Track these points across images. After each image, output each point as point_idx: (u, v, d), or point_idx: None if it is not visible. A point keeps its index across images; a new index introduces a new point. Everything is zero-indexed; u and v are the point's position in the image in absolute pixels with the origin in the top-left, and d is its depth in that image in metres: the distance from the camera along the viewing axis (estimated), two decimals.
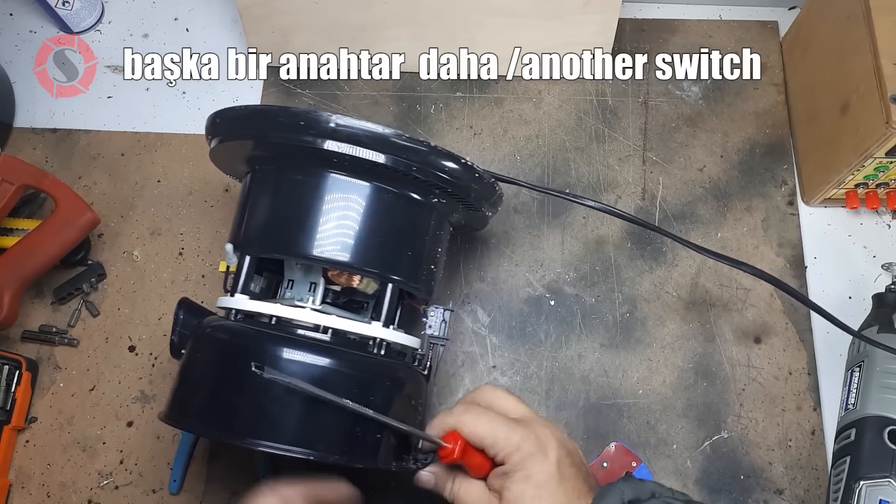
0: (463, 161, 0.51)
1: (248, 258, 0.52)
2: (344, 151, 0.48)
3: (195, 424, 0.49)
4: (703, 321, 0.68)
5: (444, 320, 0.57)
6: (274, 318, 0.50)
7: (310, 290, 0.54)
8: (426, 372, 0.56)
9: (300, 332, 0.50)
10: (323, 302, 0.53)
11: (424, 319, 0.57)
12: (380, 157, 0.48)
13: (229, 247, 0.52)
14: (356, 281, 0.54)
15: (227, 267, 0.54)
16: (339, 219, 0.50)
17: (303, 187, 0.50)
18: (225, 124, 0.52)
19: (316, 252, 0.49)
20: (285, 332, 0.49)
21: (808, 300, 0.58)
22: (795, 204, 0.72)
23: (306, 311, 0.51)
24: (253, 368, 0.45)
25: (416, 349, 0.55)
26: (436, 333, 0.57)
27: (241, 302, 0.51)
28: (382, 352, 0.52)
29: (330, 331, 0.51)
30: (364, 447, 0.48)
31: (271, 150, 0.51)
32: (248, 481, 0.63)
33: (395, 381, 0.51)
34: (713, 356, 0.67)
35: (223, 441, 0.47)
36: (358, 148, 0.48)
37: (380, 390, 0.50)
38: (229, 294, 0.52)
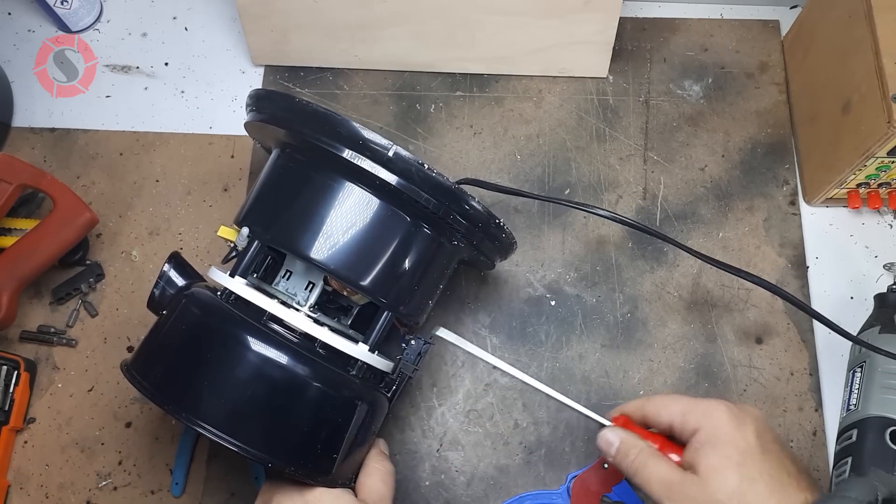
0: (497, 221, 0.53)
1: (256, 243, 0.51)
2: (393, 184, 0.48)
3: (147, 387, 0.49)
4: (704, 322, 0.68)
5: (420, 353, 0.57)
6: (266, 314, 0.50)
7: (307, 289, 0.53)
8: (390, 395, 0.56)
9: (277, 328, 0.50)
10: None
11: (403, 345, 0.57)
12: (429, 202, 0.49)
13: (245, 231, 0.51)
14: (354, 294, 0.54)
15: (235, 245, 0.53)
16: (363, 238, 0.50)
17: (335, 196, 0.50)
18: (276, 111, 0.51)
19: (333, 265, 0.49)
20: (269, 328, 0.49)
21: (808, 307, 0.57)
22: (797, 204, 0.72)
23: (300, 315, 0.50)
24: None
25: (389, 374, 0.55)
26: (409, 361, 0.57)
27: (237, 286, 0.51)
28: (359, 373, 0.52)
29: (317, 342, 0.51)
30: (312, 460, 0.49)
31: (315, 152, 0.50)
32: (247, 482, 0.63)
33: (368, 406, 0.51)
34: (714, 357, 0.66)
35: (169, 413, 0.48)
36: (410, 185, 0.48)
37: (349, 412, 0.50)
38: (229, 273, 0.52)
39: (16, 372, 0.64)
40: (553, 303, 0.68)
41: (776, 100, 0.76)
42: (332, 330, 0.51)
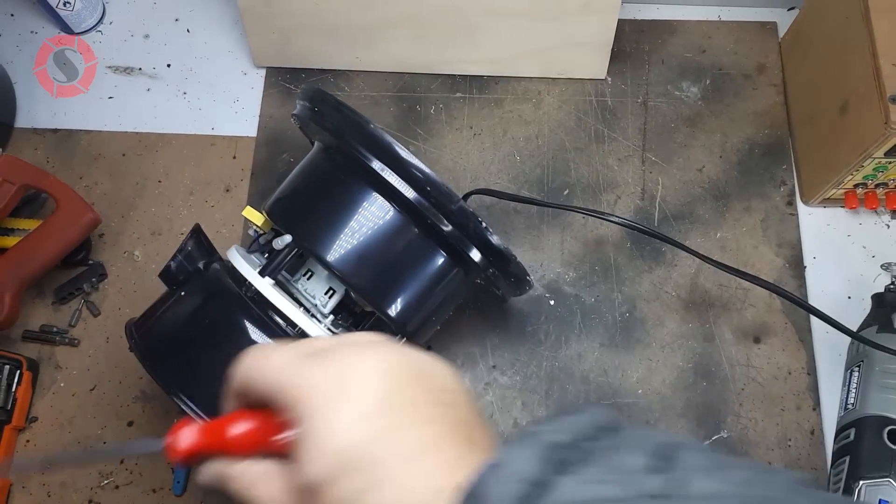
0: (528, 277, 0.56)
1: (294, 250, 0.51)
2: (447, 231, 0.49)
3: (144, 352, 0.49)
4: (702, 321, 0.68)
5: None
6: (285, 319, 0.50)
7: (326, 294, 0.54)
8: None
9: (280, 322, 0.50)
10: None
11: None
12: (476, 255, 0.51)
13: (288, 238, 0.51)
14: (367, 306, 0.54)
15: (262, 236, 0.53)
16: (404, 272, 0.51)
17: (385, 225, 0.50)
18: (343, 128, 0.50)
19: (370, 292, 0.51)
20: (278, 327, 0.50)
21: (807, 304, 0.58)
22: (794, 204, 0.72)
23: (321, 329, 0.51)
24: None
25: None
26: None
27: (265, 287, 0.50)
28: None
29: None
30: None
31: (373, 178, 0.50)
32: None
33: None
34: (712, 356, 0.67)
35: (157, 382, 0.49)
36: (462, 238, 0.50)
37: None
38: (258, 271, 0.51)
39: (18, 371, 0.65)
40: (552, 302, 0.69)
41: (774, 101, 0.76)
42: None
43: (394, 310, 0.51)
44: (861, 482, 0.57)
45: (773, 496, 0.25)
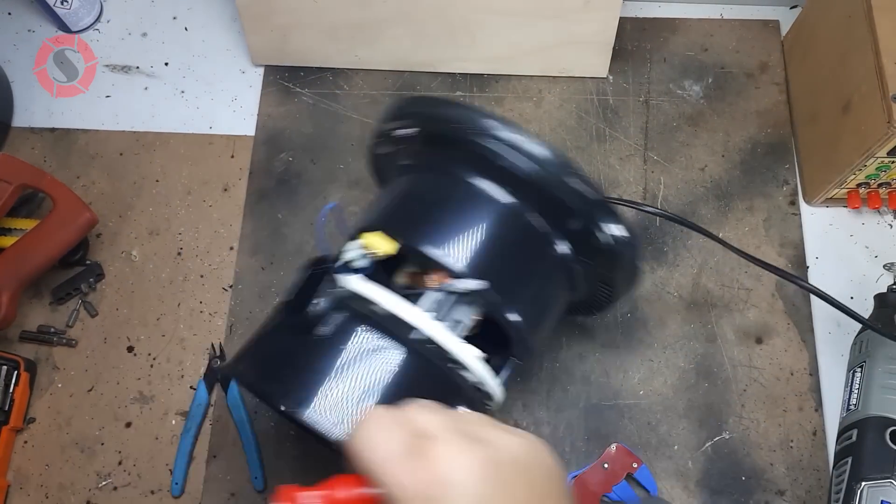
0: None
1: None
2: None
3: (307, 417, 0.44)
4: (704, 321, 0.68)
5: (504, 382, 0.51)
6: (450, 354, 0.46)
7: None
8: None
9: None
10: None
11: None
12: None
13: (473, 283, 0.46)
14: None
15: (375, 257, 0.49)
16: (546, 297, 0.51)
17: (541, 256, 0.49)
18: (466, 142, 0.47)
19: (521, 320, 0.48)
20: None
21: (818, 290, 0.57)
22: (797, 204, 0.72)
23: (477, 361, 0.48)
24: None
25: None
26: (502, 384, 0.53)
27: (446, 335, 0.46)
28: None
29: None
30: None
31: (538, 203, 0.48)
32: (246, 482, 0.63)
33: None
34: (714, 357, 0.66)
35: (269, 404, 0.47)
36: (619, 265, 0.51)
37: None
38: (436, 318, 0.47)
39: (16, 372, 0.64)
40: None
41: (776, 100, 0.76)
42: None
43: (532, 339, 0.50)
44: (863, 483, 0.57)
45: None
